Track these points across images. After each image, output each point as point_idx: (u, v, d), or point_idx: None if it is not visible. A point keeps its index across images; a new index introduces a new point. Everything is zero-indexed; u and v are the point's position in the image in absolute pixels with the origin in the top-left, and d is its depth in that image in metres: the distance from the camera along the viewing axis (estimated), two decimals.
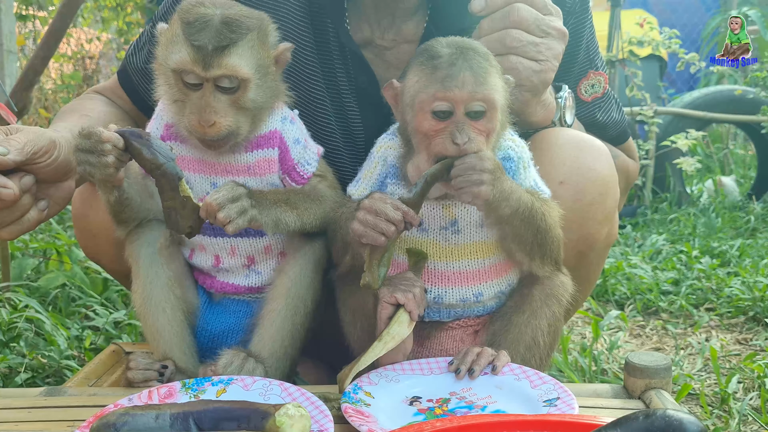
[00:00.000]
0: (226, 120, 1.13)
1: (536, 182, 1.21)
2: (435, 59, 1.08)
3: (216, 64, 1.10)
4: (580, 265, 1.37)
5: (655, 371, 1.13)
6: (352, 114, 1.45)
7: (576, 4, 1.49)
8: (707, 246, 3.38)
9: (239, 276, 1.29)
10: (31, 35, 5.23)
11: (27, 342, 2.09)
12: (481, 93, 1.07)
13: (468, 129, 1.07)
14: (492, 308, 1.25)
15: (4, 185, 1.10)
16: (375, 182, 1.22)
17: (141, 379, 1.18)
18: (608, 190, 1.35)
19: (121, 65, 1.63)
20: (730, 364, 2.16)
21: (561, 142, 1.35)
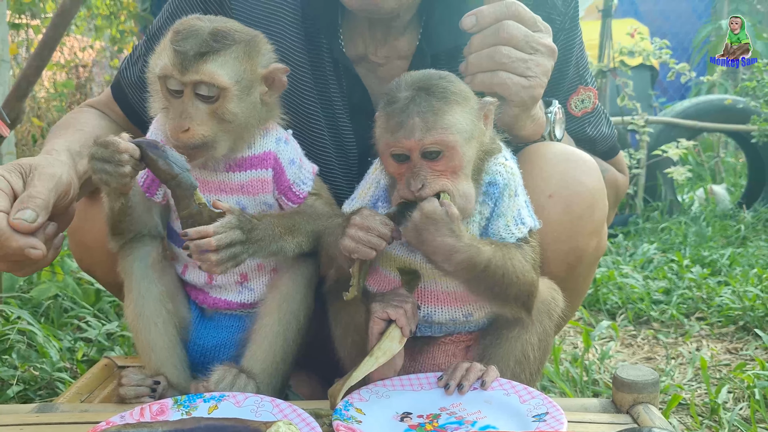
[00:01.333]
0: (202, 128, 1.13)
1: (520, 212, 1.18)
2: (390, 105, 1.10)
3: (194, 69, 1.12)
4: (569, 277, 1.38)
5: (643, 386, 1.14)
6: (345, 130, 1.46)
7: (566, 21, 1.51)
8: (698, 255, 3.41)
9: (232, 292, 1.29)
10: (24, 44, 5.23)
11: (19, 354, 2.09)
12: (431, 137, 1.06)
13: (424, 173, 1.08)
14: (483, 325, 1.26)
15: (34, 246, 1.11)
16: (368, 203, 1.23)
17: (133, 395, 1.18)
18: (596, 203, 1.36)
19: (115, 79, 1.63)
20: (720, 374, 2.17)
21: (550, 155, 1.36)
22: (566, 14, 1.51)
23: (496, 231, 1.16)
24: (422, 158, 1.08)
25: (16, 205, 1.12)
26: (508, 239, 1.16)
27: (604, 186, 1.39)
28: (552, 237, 1.28)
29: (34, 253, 1.10)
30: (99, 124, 1.53)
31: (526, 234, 1.18)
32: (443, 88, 1.10)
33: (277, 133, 1.26)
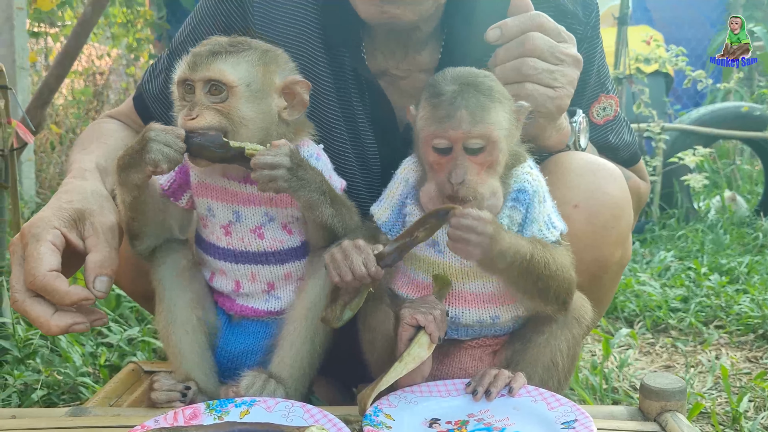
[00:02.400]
0: (208, 115, 1.17)
1: (550, 217, 1.20)
2: (436, 97, 1.12)
3: (204, 67, 1.17)
4: (593, 287, 1.38)
5: (671, 393, 1.14)
6: (368, 143, 1.47)
7: (587, 30, 1.52)
8: (716, 263, 3.39)
9: (259, 300, 1.30)
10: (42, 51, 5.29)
11: (43, 359, 2.11)
12: (477, 131, 1.09)
13: (465, 167, 1.11)
14: (510, 329, 1.26)
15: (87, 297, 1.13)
16: (396, 202, 1.25)
17: (164, 399, 1.20)
18: (622, 213, 1.36)
19: (137, 91, 1.65)
20: (741, 383, 2.16)
21: (575, 165, 1.37)
22: (588, 23, 1.52)
23: (531, 236, 1.18)
24: (465, 152, 1.11)
25: (92, 269, 1.13)
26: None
27: (630, 196, 1.39)
28: (577, 247, 1.28)
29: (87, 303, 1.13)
30: (122, 135, 1.55)
31: (558, 237, 1.20)
32: (488, 86, 1.13)
33: (308, 149, 1.28)
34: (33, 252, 1.10)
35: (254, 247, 1.27)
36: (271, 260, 1.28)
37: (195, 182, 1.28)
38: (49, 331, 1.10)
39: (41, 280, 1.09)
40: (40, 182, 4.59)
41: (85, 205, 1.19)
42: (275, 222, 1.26)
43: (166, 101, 1.55)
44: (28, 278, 1.10)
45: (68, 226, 1.16)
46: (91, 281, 1.13)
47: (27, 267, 1.10)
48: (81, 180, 1.28)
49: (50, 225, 1.13)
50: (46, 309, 1.11)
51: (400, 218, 1.25)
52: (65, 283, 1.10)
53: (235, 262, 1.27)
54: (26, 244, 1.12)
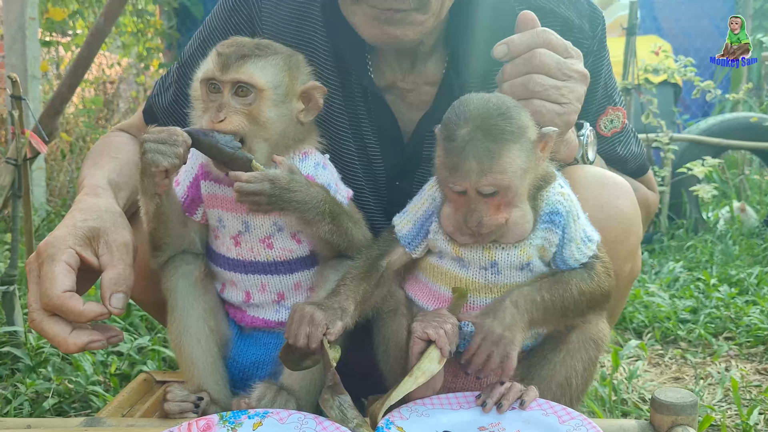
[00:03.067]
0: (236, 119, 1.18)
1: (585, 231, 1.22)
2: (449, 142, 1.12)
3: (235, 68, 1.19)
4: None
5: (682, 408, 1.14)
6: (375, 156, 1.49)
7: (594, 44, 1.53)
8: (725, 274, 3.38)
9: (269, 311, 1.32)
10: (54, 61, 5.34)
11: (54, 367, 2.13)
12: (486, 180, 1.10)
13: (480, 210, 1.12)
14: (527, 346, 1.26)
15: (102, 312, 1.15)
16: (420, 217, 1.26)
17: (177, 410, 1.21)
18: (631, 227, 1.37)
19: (147, 104, 1.67)
20: (751, 395, 2.15)
21: (584, 179, 1.37)
22: (594, 37, 1.53)
23: (570, 255, 1.20)
24: (479, 195, 1.12)
25: (108, 286, 1.15)
26: (582, 260, 1.21)
27: (639, 210, 1.39)
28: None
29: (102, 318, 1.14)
30: (132, 149, 1.56)
31: (595, 250, 1.22)
32: (500, 128, 1.11)
33: (315, 158, 1.30)
34: (48, 273, 1.12)
35: (263, 257, 1.28)
36: (280, 270, 1.29)
37: (206, 194, 1.29)
38: (67, 349, 1.12)
39: (56, 301, 1.11)
40: (50, 190, 4.63)
41: (100, 223, 1.21)
42: (284, 231, 1.27)
43: (176, 114, 1.57)
44: (43, 299, 1.11)
45: (83, 245, 1.17)
46: (108, 298, 1.14)
47: (42, 288, 1.12)
48: (94, 197, 1.29)
49: (65, 244, 1.15)
50: (63, 328, 1.12)
51: (422, 233, 1.26)
52: (80, 302, 1.12)
53: (245, 273, 1.28)
54: (42, 263, 1.14)
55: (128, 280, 1.17)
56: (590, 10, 1.53)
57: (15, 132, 2.26)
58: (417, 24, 1.33)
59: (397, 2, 1.29)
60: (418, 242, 1.26)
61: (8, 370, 2.14)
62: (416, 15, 1.32)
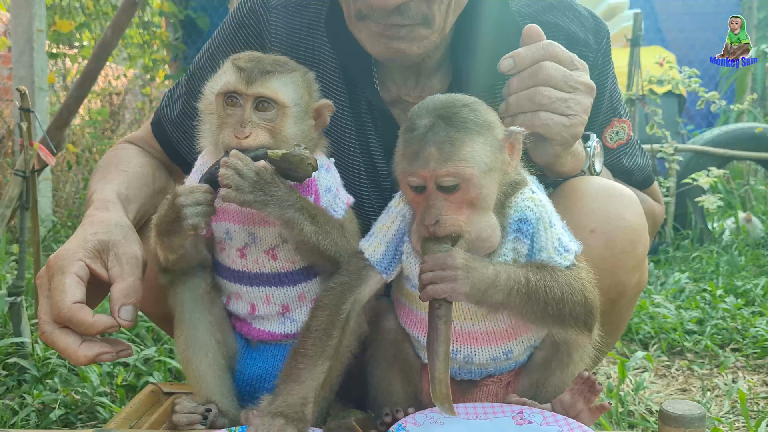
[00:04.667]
0: (262, 135, 1.19)
1: (561, 240, 1.14)
2: (409, 132, 1.07)
3: (259, 83, 1.19)
4: (610, 311, 1.38)
5: (690, 420, 1.14)
6: (381, 168, 1.50)
7: (598, 57, 1.54)
8: (731, 285, 3.37)
9: (275, 323, 1.32)
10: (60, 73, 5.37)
11: (61, 378, 2.13)
12: (446, 169, 1.03)
13: (439, 206, 1.05)
14: (523, 362, 1.26)
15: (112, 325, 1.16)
16: (393, 238, 1.20)
17: (186, 422, 1.21)
18: (638, 238, 1.37)
19: (155, 117, 1.67)
20: (759, 407, 2.15)
21: (591, 191, 1.38)
22: (599, 51, 1.54)
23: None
24: (438, 190, 1.05)
25: (117, 298, 1.16)
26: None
27: (646, 221, 1.40)
28: (594, 272, 1.29)
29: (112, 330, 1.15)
30: (140, 162, 1.58)
31: (572, 260, 1.15)
32: (464, 117, 1.06)
33: (320, 160, 1.30)
34: (58, 284, 1.13)
35: (268, 269, 1.28)
36: (284, 281, 1.30)
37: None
38: (77, 361, 1.13)
39: (66, 313, 1.11)
40: (56, 201, 4.64)
41: (109, 237, 1.22)
42: (289, 243, 1.28)
43: (185, 126, 1.58)
44: (53, 311, 1.12)
45: (92, 257, 1.18)
46: (117, 310, 1.15)
47: (52, 300, 1.13)
48: (104, 211, 1.30)
49: (75, 257, 1.16)
50: (73, 340, 1.13)
51: (397, 255, 1.20)
52: (90, 314, 1.13)
53: (250, 285, 1.29)
54: (52, 276, 1.15)
55: (138, 293, 1.18)
56: (594, 24, 1.54)
57: (23, 144, 2.28)
58: (421, 39, 1.35)
59: (402, 18, 1.30)
60: (393, 265, 1.20)
61: (15, 381, 2.14)
62: (420, 30, 1.33)
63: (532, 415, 1.15)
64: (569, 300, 1.10)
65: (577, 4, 1.56)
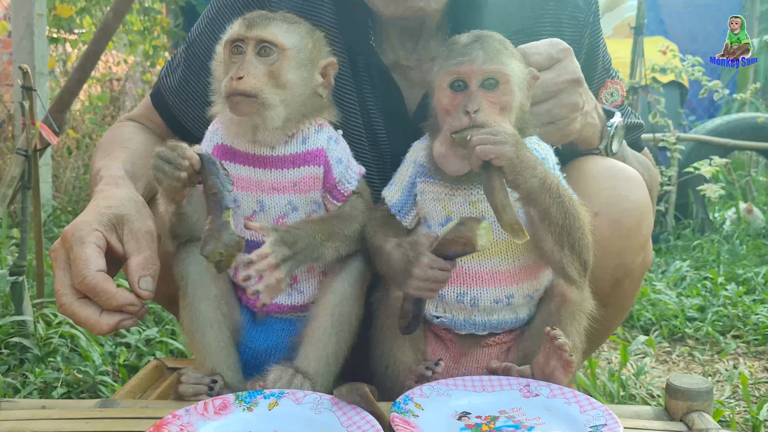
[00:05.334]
0: (255, 79, 1.18)
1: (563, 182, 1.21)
2: (453, 44, 1.19)
3: (260, 27, 1.20)
4: (615, 292, 1.39)
5: (697, 394, 1.14)
6: (380, 132, 1.49)
7: (589, 17, 1.53)
8: (732, 273, 3.38)
9: (282, 295, 1.31)
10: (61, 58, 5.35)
11: (63, 357, 2.13)
12: (491, 66, 1.15)
13: (480, 99, 1.14)
14: (522, 321, 1.27)
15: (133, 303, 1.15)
16: (406, 183, 1.28)
17: (192, 393, 1.20)
18: (644, 219, 1.36)
19: (155, 87, 1.66)
20: (760, 392, 2.15)
21: (596, 172, 1.37)
22: (588, 10, 1.53)
23: None
24: (480, 88, 1.15)
25: (135, 270, 1.16)
26: None
27: (650, 201, 1.39)
28: (599, 253, 1.28)
29: (132, 309, 1.14)
30: (142, 138, 1.57)
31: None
32: (502, 40, 1.21)
33: (329, 132, 1.30)
34: (80, 254, 1.12)
35: None
36: None
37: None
38: (100, 330, 1.12)
39: (91, 281, 1.10)
40: (56, 186, 4.64)
41: (123, 211, 1.21)
42: (298, 212, 1.27)
43: (185, 94, 1.57)
44: (77, 279, 1.11)
45: (109, 230, 1.18)
46: (136, 282, 1.15)
47: (75, 269, 1.12)
48: (115, 187, 1.30)
49: (92, 227, 1.15)
50: (93, 310, 1.13)
51: (410, 198, 1.28)
52: (113, 285, 1.12)
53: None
54: (70, 247, 1.14)
55: (155, 265, 1.18)
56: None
57: (26, 123, 2.27)
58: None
59: None
60: (407, 209, 1.28)
61: (17, 359, 2.14)
62: None
63: (539, 388, 1.15)
64: (581, 227, 1.15)
65: None
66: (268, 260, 1.14)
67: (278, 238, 1.16)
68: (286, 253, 1.16)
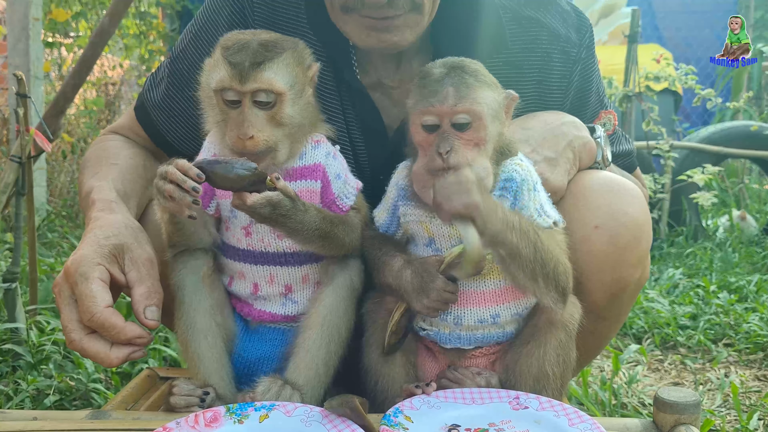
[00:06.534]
0: (264, 134, 1.18)
1: (542, 206, 1.21)
2: (425, 78, 1.18)
3: (252, 78, 1.17)
4: (611, 306, 1.39)
5: (685, 407, 1.15)
6: (360, 150, 1.50)
7: (582, 52, 1.54)
8: (724, 281, 3.39)
9: (276, 304, 1.32)
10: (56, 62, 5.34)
11: (55, 365, 2.13)
12: (463, 105, 1.14)
13: (452, 139, 1.14)
14: (510, 334, 1.28)
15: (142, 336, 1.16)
16: (390, 205, 1.29)
17: (183, 404, 1.20)
18: (642, 234, 1.36)
19: (138, 102, 1.65)
20: (750, 401, 2.16)
21: (595, 186, 1.38)
22: (581, 45, 1.54)
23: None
24: (452, 127, 1.15)
25: (140, 301, 1.17)
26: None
27: (650, 216, 1.40)
28: (596, 267, 1.29)
29: (141, 341, 1.16)
30: (129, 153, 1.57)
31: (550, 224, 1.21)
32: (474, 69, 1.19)
33: (326, 148, 1.31)
34: (85, 290, 1.13)
35: (273, 248, 1.28)
36: (289, 261, 1.30)
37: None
38: (110, 363, 1.14)
39: (99, 317, 1.12)
40: (50, 190, 4.63)
41: (122, 240, 1.22)
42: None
43: (169, 110, 1.57)
44: (85, 316, 1.13)
45: (110, 262, 1.19)
46: (142, 312, 1.17)
47: (83, 306, 1.13)
48: (109, 213, 1.30)
49: (94, 262, 1.17)
50: (103, 344, 1.15)
51: (395, 219, 1.29)
52: (121, 319, 1.14)
53: (255, 264, 1.29)
54: (74, 283, 1.15)
55: (159, 294, 1.20)
56: (577, 19, 1.54)
57: (20, 129, 2.27)
58: (414, 26, 1.34)
59: (393, 9, 1.30)
60: (393, 229, 1.30)
61: (9, 367, 2.14)
62: (412, 16, 1.33)
63: (528, 401, 1.16)
64: (552, 259, 1.15)
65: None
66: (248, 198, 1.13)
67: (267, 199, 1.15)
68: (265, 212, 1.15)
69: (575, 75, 1.52)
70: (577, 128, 1.43)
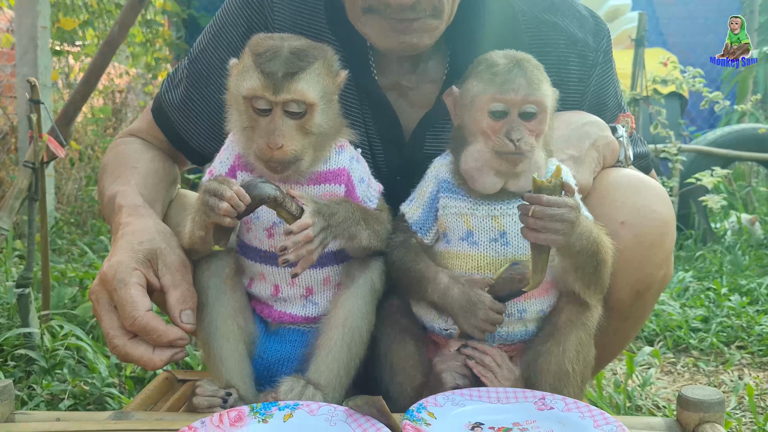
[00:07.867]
0: (293, 144, 1.18)
1: (580, 205, 1.23)
2: (494, 67, 1.21)
3: (286, 89, 1.17)
4: (635, 305, 1.39)
5: (709, 405, 1.14)
6: (377, 152, 1.50)
7: (599, 56, 1.54)
8: (735, 284, 3.38)
9: (297, 306, 1.32)
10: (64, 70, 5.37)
11: (69, 369, 2.13)
12: (534, 97, 1.19)
13: (522, 129, 1.19)
14: (532, 332, 1.28)
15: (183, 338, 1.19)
16: (428, 200, 1.30)
17: (206, 405, 1.20)
18: (668, 232, 1.36)
19: (155, 103, 1.65)
20: (765, 403, 2.15)
21: (622, 183, 1.38)
22: (598, 49, 1.54)
23: None
24: (519, 117, 1.20)
25: (176, 305, 1.19)
26: None
27: (674, 214, 1.40)
28: (622, 264, 1.28)
29: (182, 343, 1.18)
30: (149, 156, 1.57)
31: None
32: (537, 64, 1.24)
33: (350, 152, 1.31)
34: (125, 296, 1.15)
35: None
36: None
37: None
38: (154, 366, 1.16)
39: (141, 321, 1.14)
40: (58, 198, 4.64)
41: (155, 245, 1.23)
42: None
43: (188, 111, 1.57)
44: (127, 321, 1.15)
45: (146, 267, 1.21)
46: (178, 316, 1.19)
47: (123, 311, 1.15)
48: (139, 218, 1.31)
49: (131, 267, 1.18)
50: (146, 348, 1.17)
51: (432, 214, 1.29)
52: (163, 322, 1.16)
53: (276, 265, 1.28)
54: (113, 290, 1.16)
55: (194, 298, 1.22)
56: (594, 24, 1.55)
57: (33, 135, 2.27)
58: (432, 30, 1.35)
59: (414, 12, 1.30)
60: (429, 225, 1.30)
61: (23, 371, 2.14)
62: (431, 21, 1.33)
63: (554, 401, 1.15)
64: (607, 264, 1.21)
65: (578, 4, 1.56)
66: (307, 232, 1.15)
67: (316, 209, 1.18)
68: (323, 225, 1.17)
69: (593, 79, 1.53)
70: (600, 128, 1.43)
